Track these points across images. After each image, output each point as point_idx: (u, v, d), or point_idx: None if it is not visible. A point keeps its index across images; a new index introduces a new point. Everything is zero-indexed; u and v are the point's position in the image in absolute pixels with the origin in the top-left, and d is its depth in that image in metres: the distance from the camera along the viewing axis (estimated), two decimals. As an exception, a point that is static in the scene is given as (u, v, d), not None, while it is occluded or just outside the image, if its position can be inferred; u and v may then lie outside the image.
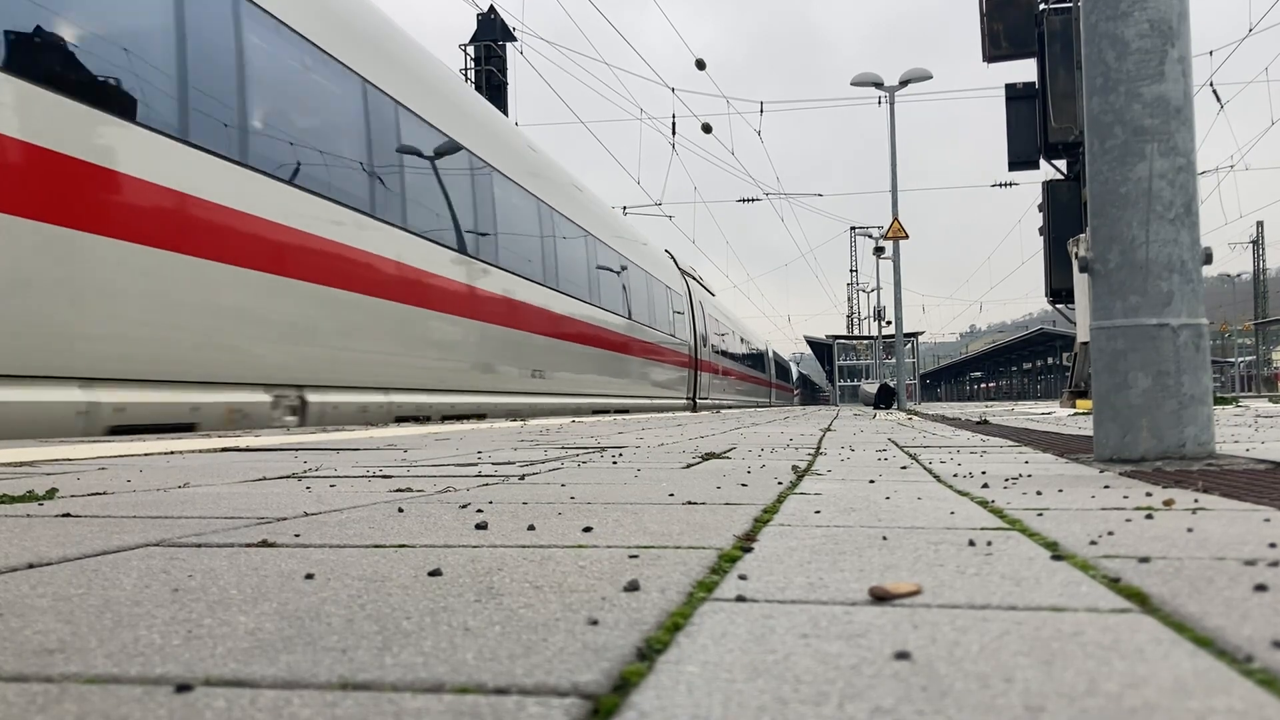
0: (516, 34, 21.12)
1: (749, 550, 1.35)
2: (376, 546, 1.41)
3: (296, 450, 4.11)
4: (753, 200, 35.70)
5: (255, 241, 6.78)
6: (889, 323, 32.73)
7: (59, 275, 5.25)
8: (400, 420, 9.00)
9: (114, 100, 5.72)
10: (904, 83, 20.35)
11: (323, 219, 7.62)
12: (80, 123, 5.42)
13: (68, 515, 1.82)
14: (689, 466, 3.07)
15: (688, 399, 23.97)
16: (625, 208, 29.37)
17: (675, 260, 24.66)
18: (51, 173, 5.21)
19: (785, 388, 67.01)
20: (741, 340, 35.89)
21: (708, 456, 3.58)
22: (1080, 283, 10.36)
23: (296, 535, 1.53)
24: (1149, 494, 2.07)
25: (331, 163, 7.95)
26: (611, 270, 17.03)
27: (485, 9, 21.05)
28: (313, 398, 7.63)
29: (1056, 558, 1.25)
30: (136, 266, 5.73)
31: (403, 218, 8.97)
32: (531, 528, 1.60)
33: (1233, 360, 69.56)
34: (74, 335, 5.40)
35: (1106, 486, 2.26)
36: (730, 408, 29.01)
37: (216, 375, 6.54)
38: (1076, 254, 9.61)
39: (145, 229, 5.82)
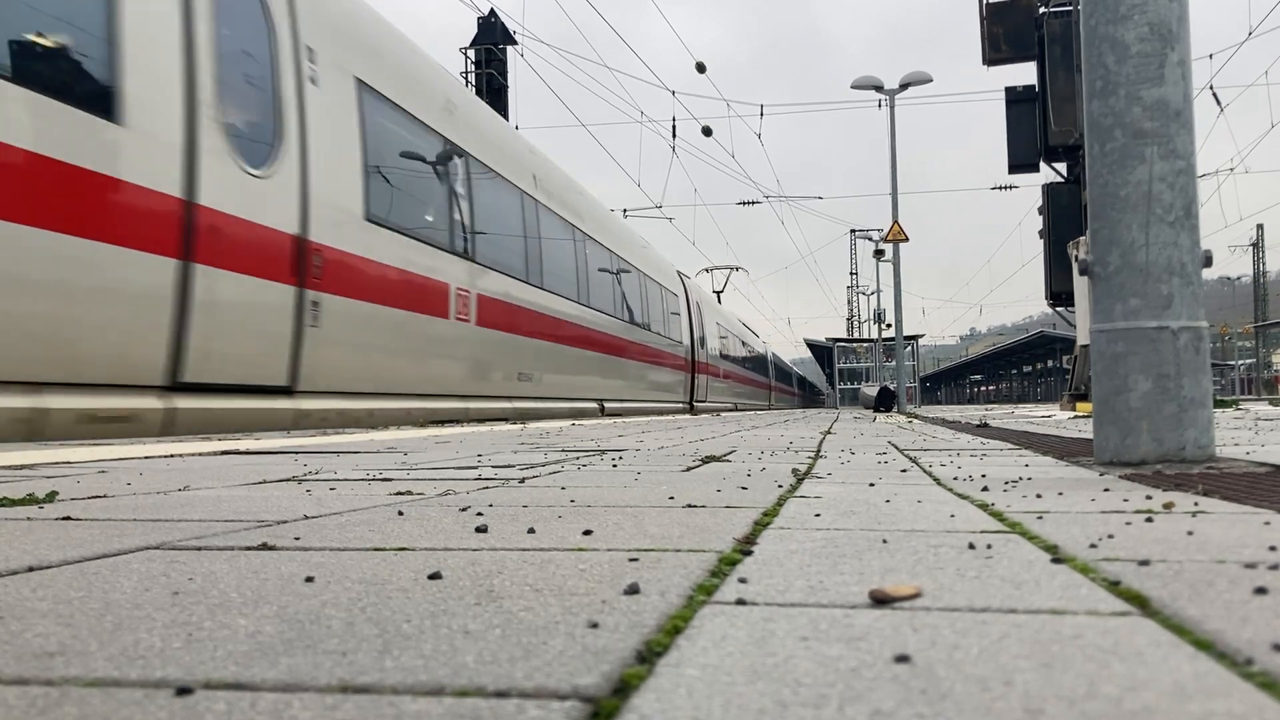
0: (517, 37, 21.14)
1: (749, 553, 1.35)
2: (376, 549, 1.41)
3: (296, 453, 4.11)
4: (753, 203, 35.71)
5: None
6: (889, 325, 32.71)
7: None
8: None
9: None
10: (904, 86, 20.36)
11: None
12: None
13: (68, 518, 1.82)
14: (689, 469, 3.07)
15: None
16: (625, 210, 29.37)
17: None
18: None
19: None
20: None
21: (708, 459, 3.58)
22: (1080, 286, 10.37)
23: (296, 538, 1.53)
24: (1149, 497, 2.07)
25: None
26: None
27: (486, 12, 21.08)
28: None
29: (1056, 560, 1.26)
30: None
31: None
32: (532, 531, 1.60)
33: (1233, 363, 69.55)
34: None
35: (1106, 489, 2.26)
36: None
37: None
38: (1076, 257, 9.62)
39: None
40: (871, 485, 2.45)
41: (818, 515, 1.80)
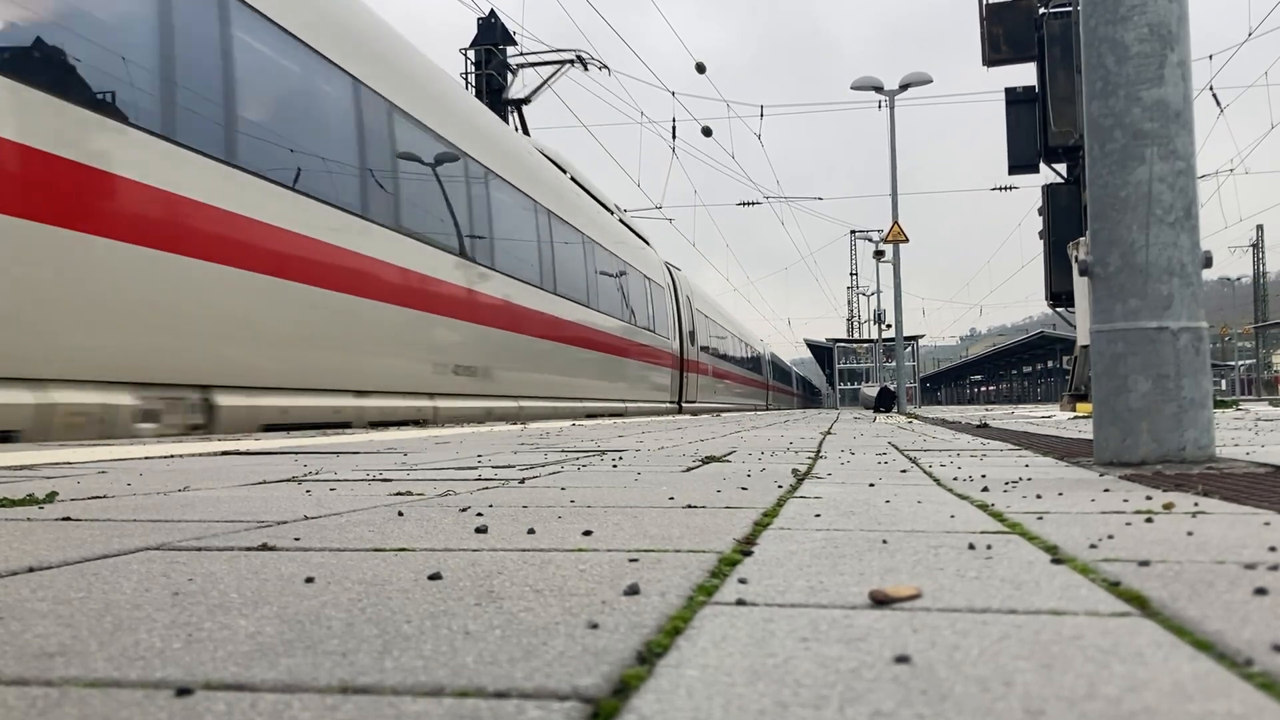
0: (517, 38, 21.14)
1: (749, 554, 1.35)
2: (376, 550, 1.41)
3: (296, 454, 4.11)
4: (753, 204, 35.72)
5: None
6: (889, 326, 32.67)
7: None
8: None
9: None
10: (904, 86, 20.37)
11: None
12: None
13: (68, 519, 1.82)
14: (689, 470, 3.07)
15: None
16: (626, 210, 29.33)
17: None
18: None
19: (787, 390, 54.48)
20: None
21: (708, 460, 3.58)
22: (1080, 286, 10.37)
23: (296, 539, 1.53)
24: (1149, 497, 2.07)
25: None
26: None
27: (486, 13, 21.08)
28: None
29: (1056, 561, 1.26)
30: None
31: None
32: (531, 531, 1.61)
33: (1233, 363, 69.56)
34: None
35: (1106, 490, 2.26)
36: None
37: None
38: (1076, 257, 9.62)
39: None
40: (871, 486, 2.45)
41: (818, 516, 1.80)
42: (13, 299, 5.08)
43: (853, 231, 57.83)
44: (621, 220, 20.28)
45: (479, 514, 1.86)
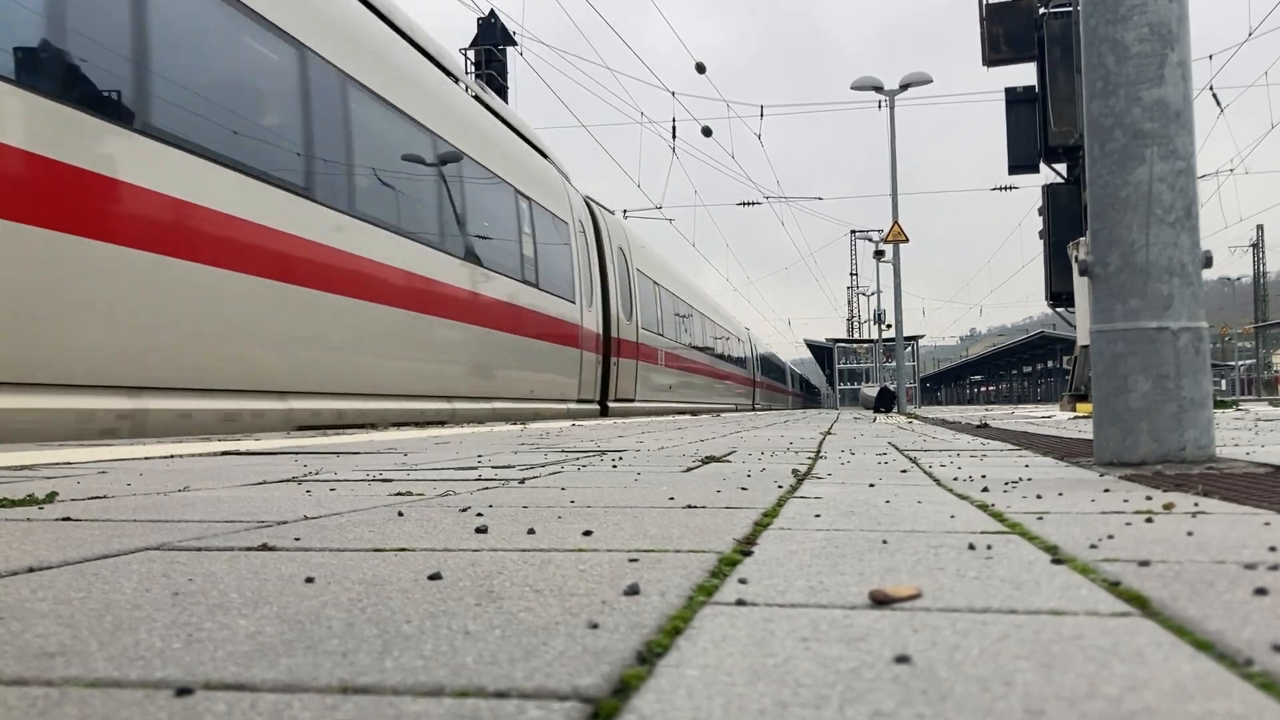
0: (516, 37, 21.14)
1: (749, 554, 1.35)
2: (377, 550, 1.41)
3: (296, 454, 4.11)
4: (753, 204, 35.68)
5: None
6: (889, 326, 32.61)
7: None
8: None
9: None
10: (904, 86, 20.37)
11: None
12: None
13: (68, 519, 1.82)
14: (689, 470, 3.07)
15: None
16: (625, 210, 29.22)
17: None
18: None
19: (780, 388, 48.19)
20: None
21: (708, 460, 3.58)
22: (1080, 286, 10.38)
23: (296, 539, 1.53)
24: (1149, 497, 2.07)
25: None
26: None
27: (486, 13, 21.07)
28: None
29: (1056, 561, 1.26)
30: None
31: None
32: (532, 531, 1.61)
33: (1233, 363, 69.54)
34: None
35: (1106, 490, 2.25)
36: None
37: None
38: (1076, 257, 9.63)
39: None
40: (871, 486, 2.45)
41: (818, 516, 1.80)
42: None
43: (853, 231, 57.74)
44: (489, 106, 12.24)
45: (479, 514, 1.86)
